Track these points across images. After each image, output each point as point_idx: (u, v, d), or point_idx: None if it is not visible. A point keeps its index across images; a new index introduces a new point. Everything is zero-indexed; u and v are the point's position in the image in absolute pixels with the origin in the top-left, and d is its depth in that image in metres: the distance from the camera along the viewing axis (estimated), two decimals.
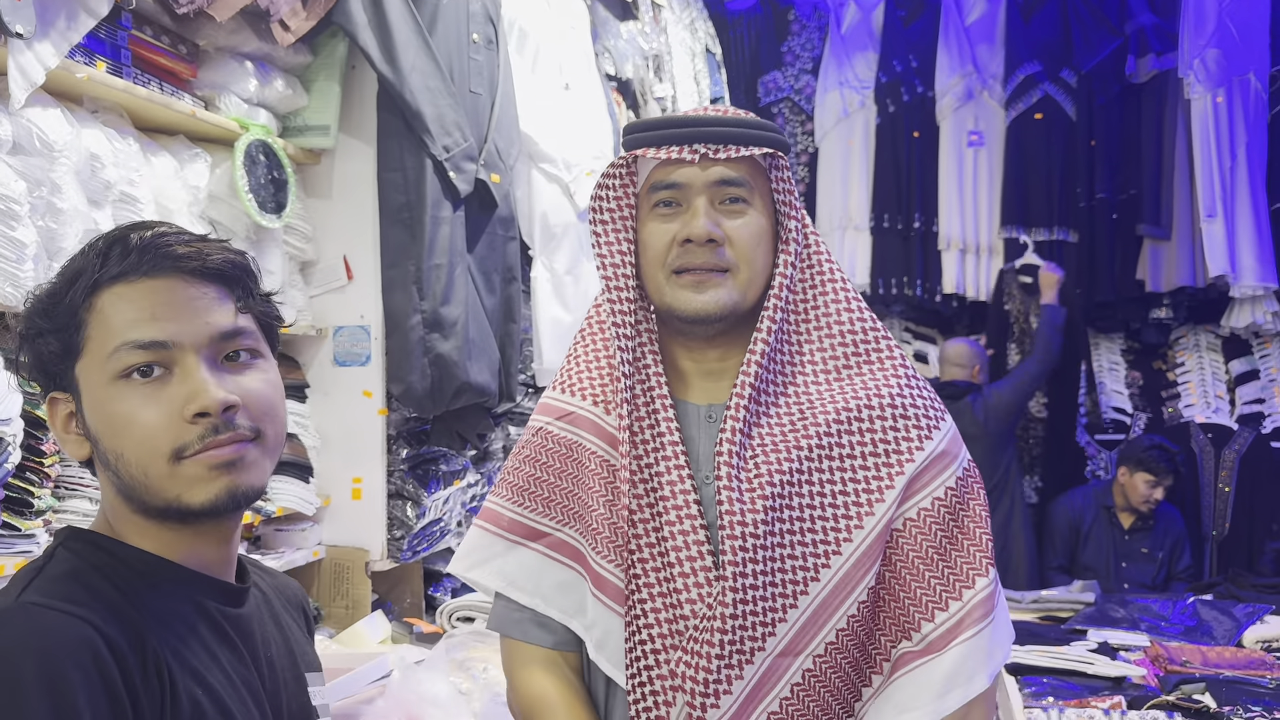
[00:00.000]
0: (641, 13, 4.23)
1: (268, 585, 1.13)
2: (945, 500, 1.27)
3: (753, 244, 1.27)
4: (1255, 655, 2.95)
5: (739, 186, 1.27)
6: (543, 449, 1.34)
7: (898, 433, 1.27)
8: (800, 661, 1.21)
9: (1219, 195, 4.81)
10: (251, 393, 0.98)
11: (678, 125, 1.28)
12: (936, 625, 1.23)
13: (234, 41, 2.27)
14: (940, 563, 1.25)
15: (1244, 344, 5.25)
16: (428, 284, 2.39)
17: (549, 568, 1.30)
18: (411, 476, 2.54)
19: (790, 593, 1.21)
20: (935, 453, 1.28)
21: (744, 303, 1.27)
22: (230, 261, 1.00)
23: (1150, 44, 5.05)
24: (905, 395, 1.29)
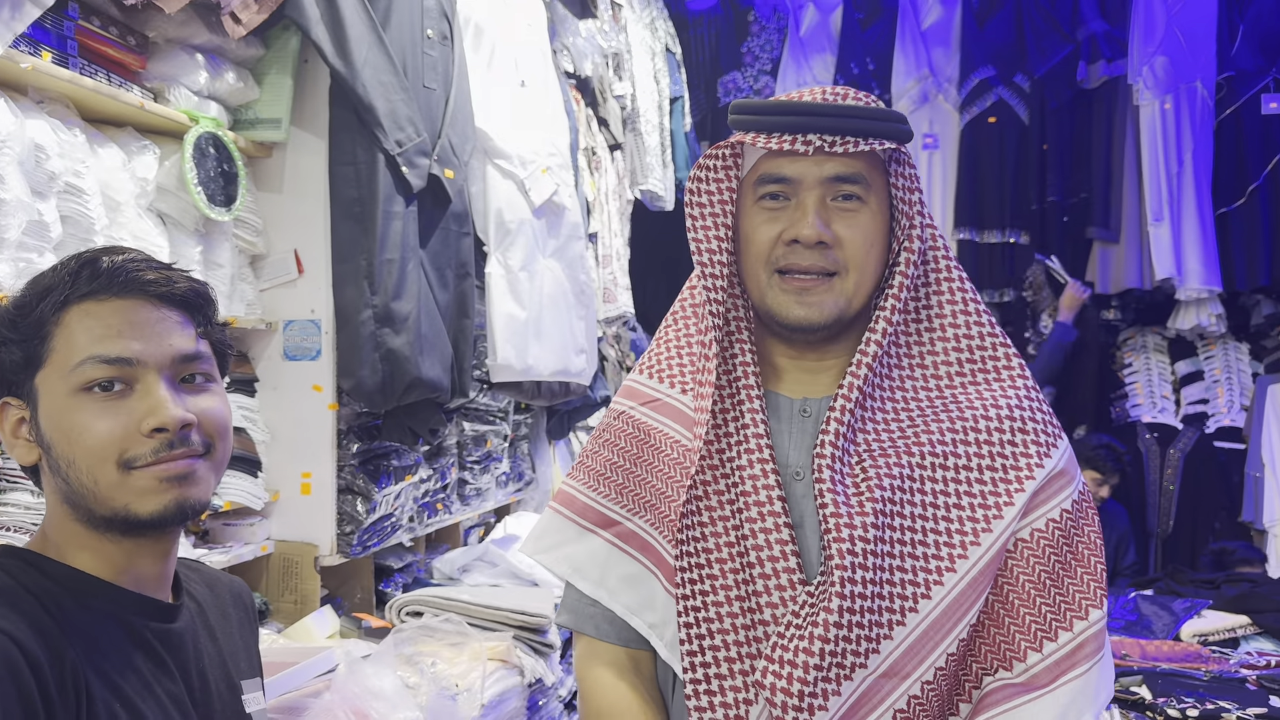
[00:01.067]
0: (600, 11, 4.24)
1: (206, 593, 1.14)
2: (1060, 523, 1.17)
3: (865, 246, 1.18)
4: (1191, 649, 3.03)
5: (855, 184, 1.17)
6: (622, 434, 1.27)
7: (1016, 448, 1.18)
8: (906, 686, 1.11)
9: (1166, 200, 4.92)
10: (206, 412, 1.03)
11: (791, 112, 1.17)
12: (1044, 657, 1.13)
13: (184, 33, 2.25)
14: (1053, 589, 1.15)
15: (1189, 345, 5.37)
16: (379, 279, 2.39)
17: (616, 559, 1.23)
18: (362, 471, 2.54)
19: (899, 608, 1.11)
20: (1054, 471, 1.18)
21: (850, 309, 1.19)
22: (194, 290, 1.05)
23: (1101, 50, 5.14)
24: (1024, 408, 1.20)
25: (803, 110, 1.16)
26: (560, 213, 3.34)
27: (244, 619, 1.17)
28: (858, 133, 1.15)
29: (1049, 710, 1.11)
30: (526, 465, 3.75)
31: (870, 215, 1.18)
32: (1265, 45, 4.95)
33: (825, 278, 1.17)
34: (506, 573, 3.00)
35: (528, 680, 2.39)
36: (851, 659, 1.09)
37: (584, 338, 3.50)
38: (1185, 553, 5.01)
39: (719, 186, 1.22)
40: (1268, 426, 5.00)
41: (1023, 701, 1.12)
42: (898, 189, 1.20)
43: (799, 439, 1.20)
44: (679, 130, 5.24)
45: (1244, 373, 5.25)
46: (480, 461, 3.28)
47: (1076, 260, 5.18)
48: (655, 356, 1.30)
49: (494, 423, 3.35)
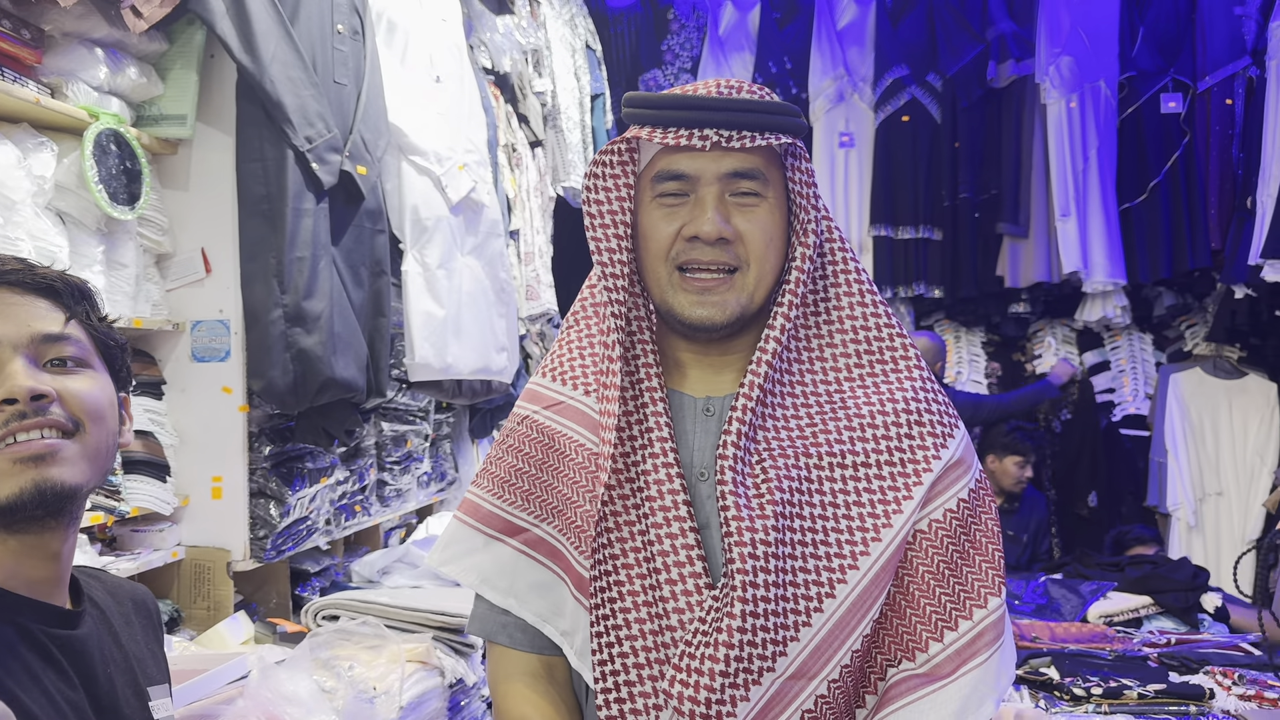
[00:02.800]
0: (518, 7, 4.22)
1: (108, 599, 1.11)
2: (958, 512, 1.17)
3: (765, 241, 1.17)
4: (1098, 630, 3.14)
5: (753, 179, 1.16)
6: (526, 439, 1.25)
7: (913, 440, 1.18)
8: (814, 687, 1.11)
9: (1072, 196, 5.08)
10: (71, 390, 0.98)
11: (686, 107, 1.15)
12: (945, 646, 1.14)
13: (82, 27, 2.19)
14: (952, 578, 1.15)
15: (1096, 336, 5.54)
16: (289, 277, 2.35)
17: (525, 566, 1.22)
18: (275, 474, 2.49)
19: (804, 609, 1.11)
20: (951, 461, 1.19)
21: (752, 305, 1.18)
22: (63, 279, 1.01)
23: (1010, 50, 5.28)
24: (920, 400, 1.20)
25: (698, 105, 1.15)
26: (479, 210, 3.32)
27: (148, 625, 1.15)
28: (754, 127, 1.15)
29: (952, 700, 1.12)
30: (449, 465, 3.72)
31: (769, 210, 1.18)
32: (1164, 46, 5.14)
33: (727, 275, 1.17)
34: (427, 574, 2.97)
35: (448, 681, 2.37)
36: (759, 663, 1.08)
37: (505, 335, 3.48)
38: (1093, 536, 5.19)
39: (616, 183, 1.21)
40: (1170, 414, 5.20)
41: (926, 692, 1.13)
42: (794, 183, 1.20)
43: (703, 439, 1.20)
44: (600, 127, 5.25)
45: (1148, 362, 5.45)
46: (400, 462, 3.25)
47: (987, 255, 5.31)
48: (557, 358, 1.29)
49: (414, 422, 3.32)
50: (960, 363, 5.52)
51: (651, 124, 1.17)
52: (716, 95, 1.17)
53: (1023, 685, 2.65)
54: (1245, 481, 5.09)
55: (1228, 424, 5.14)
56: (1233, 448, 5.13)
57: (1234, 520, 5.08)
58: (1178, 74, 5.09)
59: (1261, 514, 4.99)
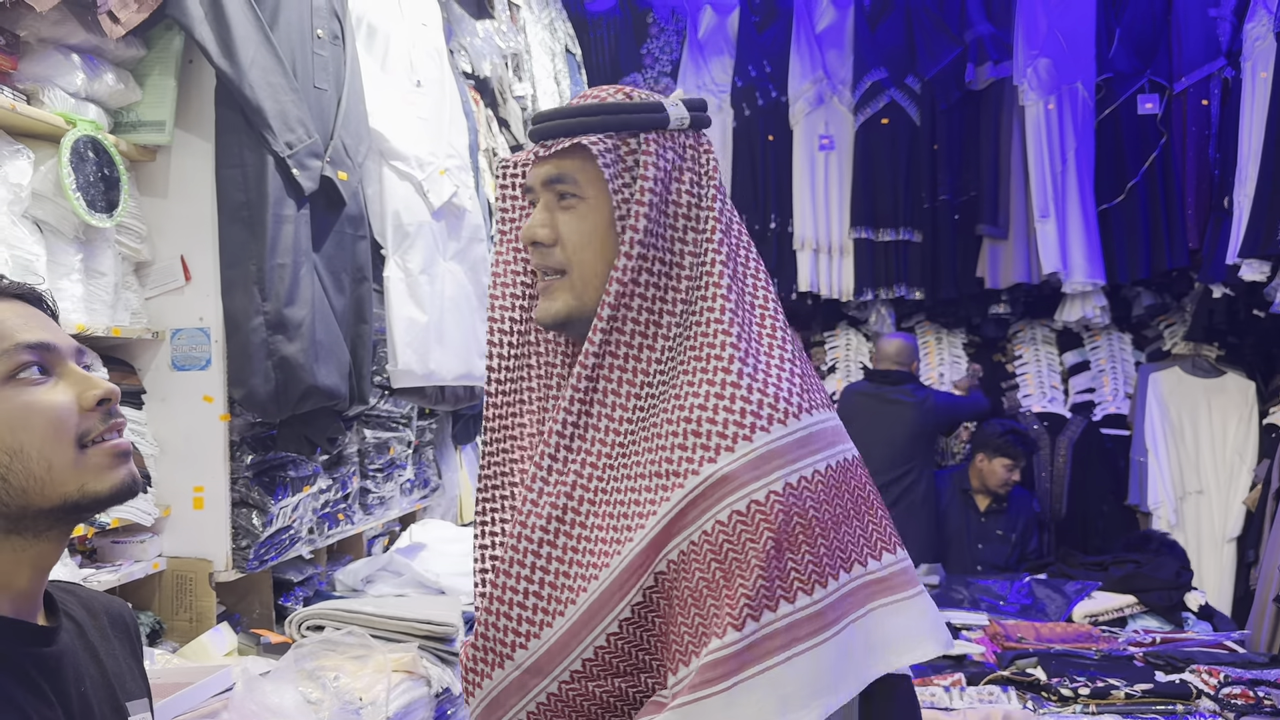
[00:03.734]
0: (498, 11, 4.21)
1: (84, 614, 1.09)
2: (711, 536, 1.10)
3: (582, 243, 1.20)
4: (1083, 629, 3.15)
5: (564, 182, 1.21)
6: None
7: (684, 452, 1.12)
8: (544, 684, 1.16)
9: (1051, 197, 5.10)
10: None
11: (536, 120, 1.25)
12: (678, 679, 1.10)
13: (59, 33, 2.16)
14: (693, 611, 1.09)
15: (1076, 337, 5.58)
16: (270, 284, 2.33)
17: None
18: (257, 484, 2.47)
19: (553, 610, 1.16)
20: (714, 478, 1.10)
21: (582, 306, 1.20)
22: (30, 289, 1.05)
23: (988, 53, 5.31)
24: (708, 407, 1.13)
25: (537, 119, 1.24)
26: (461, 215, 3.30)
27: (125, 640, 1.13)
28: (564, 133, 1.20)
29: None
30: (432, 471, 3.69)
31: (590, 210, 1.20)
32: (1140, 48, 5.18)
33: (559, 276, 1.22)
34: (412, 582, 2.95)
35: (435, 690, 2.35)
36: (501, 649, 1.17)
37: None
38: (1076, 537, 5.21)
39: (513, 204, 1.32)
40: (1150, 413, 5.24)
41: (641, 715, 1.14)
42: (608, 180, 1.18)
43: None
44: None
45: (1127, 362, 5.49)
46: (383, 469, 3.22)
47: (967, 257, 5.33)
48: None
49: (397, 429, 3.30)
50: (941, 364, 5.54)
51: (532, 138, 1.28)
52: (556, 108, 1.27)
53: (1010, 686, 2.65)
54: (1225, 480, 5.13)
55: (1207, 423, 5.18)
56: (1212, 446, 5.17)
57: (1214, 518, 5.12)
58: (1154, 75, 5.13)
59: (1242, 512, 5.03)
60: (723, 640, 1.06)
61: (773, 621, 1.07)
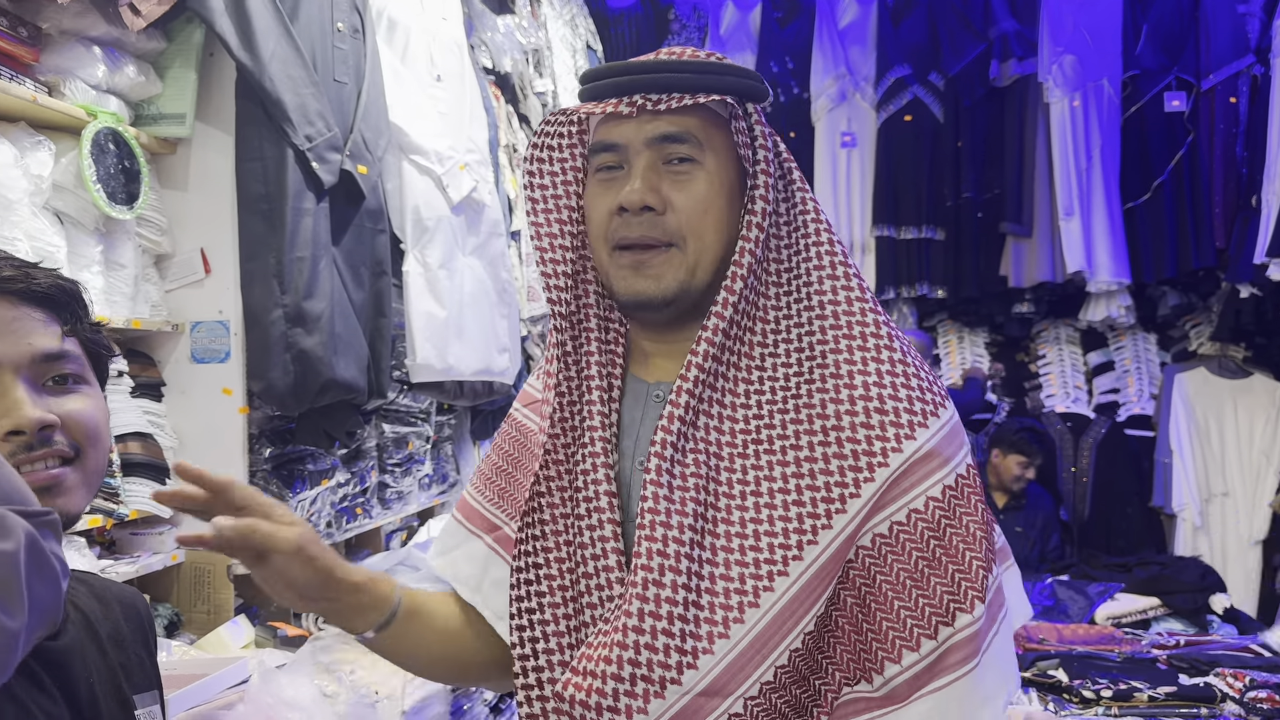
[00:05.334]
0: (519, 7, 4.20)
1: (94, 605, 1.07)
2: (926, 514, 1.03)
3: (700, 211, 1.08)
4: (1105, 631, 3.11)
5: (683, 143, 1.08)
6: (507, 437, 1.24)
7: (871, 430, 1.04)
8: (728, 704, 1.00)
9: (1076, 195, 5.05)
10: (73, 414, 0.95)
11: (619, 74, 1.08)
12: (903, 669, 1.01)
13: (80, 25, 2.16)
14: (915, 590, 1.01)
15: (1100, 336, 5.52)
16: (289, 277, 2.33)
17: (493, 562, 1.19)
18: (275, 477, 2.47)
19: (720, 619, 1.01)
20: (917, 454, 1.04)
21: (695, 281, 1.09)
22: (58, 286, 0.97)
23: (1012, 49, 5.26)
24: (885, 385, 1.06)
25: (628, 70, 1.09)
26: (480, 210, 3.30)
27: (137, 629, 1.11)
28: (685, 88, 1.07)
29: None
30: (450, 467, 3.69)
31: (708, 178, 1.09)
32: (1167, 45, 5.12)
33: (664, 249, 1.08)
34: (429, 577, 2.94)
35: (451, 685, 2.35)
36: (660, 672, 0.99)
37: (506, 336, 3.46)
38: (1099, 538, 5.16)
39: (563, 166, 1.16)
40: (1175, 414, 5.18)
41: (872, 717, 1.02)
42: (742, 146, 1.10)
43: (649, 426, 1.12)
44: None
45: (1152, 362, 5.43)
46: (402, 464, 3.22)
47: (990, 255, 5.29)
48: (545, 357, 1.25)
49: (415, 424, 3.30)
50: (964, 364, 5.50)
51: (588, 98, 1.12)
52: (650, 60, 1.10)
53: (1031, 688, 2.62)
54: (1251, 481, 5.06)
55: (1233, 424, 5.12)
56: (1238, 447, 5.11)
57: (1240, 520, 5.06)
58: (1181, 72, 5.07)
59: (1268, 514, 4.97)
60: (971, 615, 1.00)
61: (996, 592, 1.05)
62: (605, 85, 1.09)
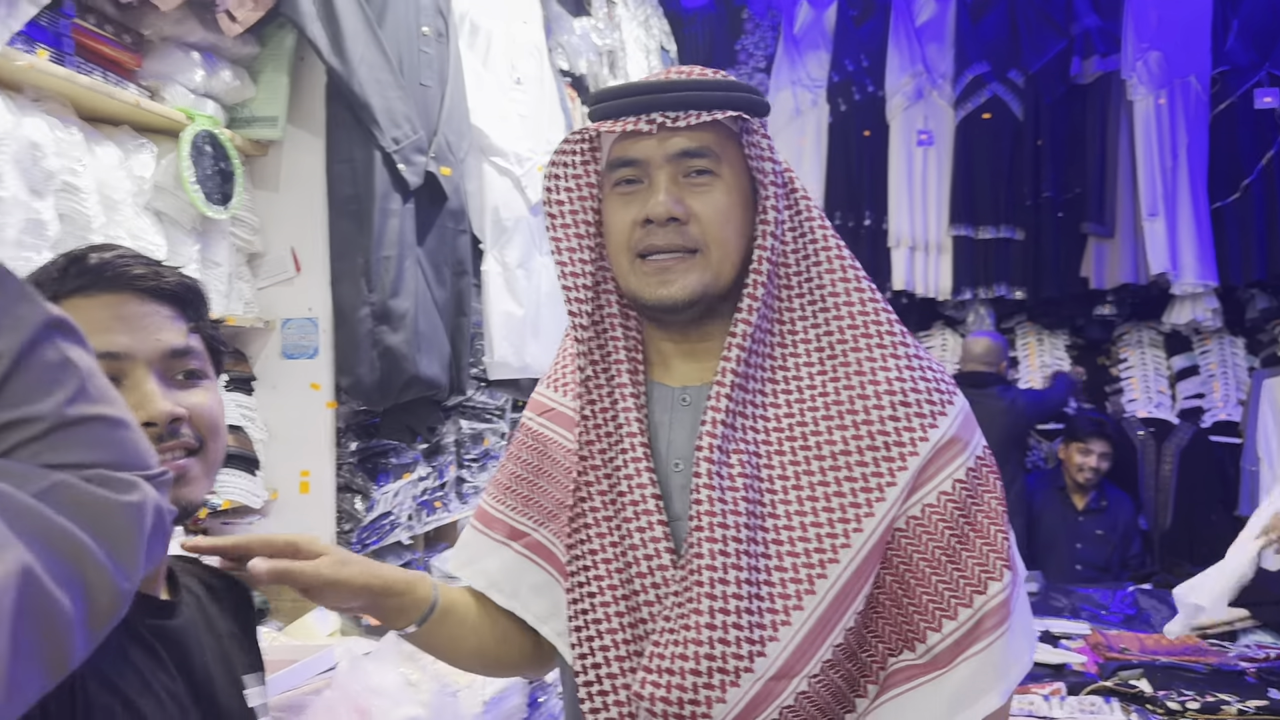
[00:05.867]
0: (595, 9, 4.24)
1: (201, 588, 1.11)
2: (953, 494, 1.13)
3: (721, 220, 1.15)
4: (1191, 642, 3.03)
5: (702, 157, 1.15)
6: (524, 446, 1.28)
7: (899, 423, 1.13)
8: (795, 684, 1.08)
9: (1161, 195, 4.93)
10: (197, 407, 1.00)
11: (634, 93, 1.15)
12: (944, 636, 1.11)
13: (180, 31, 2.25)
14: (949, 564, 1.11)
15: (1185, 340, 5.38)
16: (376, 276, 2.39)
17: (526, 568, 1.25)
18: (361, 469, 2.53)
19: (781, 608, 1.08)
20: (941, 441, 1.14)
21: (717, 284, 1.16)
22: (184, 284, 1.02)
23: (1095, 45, 5.15)
24: (905, 379, 1.15)
25: (644, 89, 1.15)
26: None
27: (242, 613, 1.16)
28: (700, 105, 1.14)
29: (947, 688, 1.10)
30: None
31: (725, 188, 1.16)
32: (1259, 40, 4.96)
33: (687, 255, 1.15)
34: None
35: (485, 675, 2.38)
36: (734, 663, 1.06)
37: None
38: (1183, 547, 5.02)
39: (577, 182, 1.21)
40: (1263, 420, 5.02)
41: (922, 681, 1.11)
42: (752, 159, 1.17)
43: (679, 429, 1.18)
44: None
45: (1240, 367, 5.27)
46: (478, 459, 3.28)
47: (1071, 256, 5.18)
48: (554, 365, 1.31)
49: (491, 420, 3.35)
50: (1043, 367, 5.40)
51: (604, 116, 1.17)
52: (665, 79, 1.17)
53: (1113, 698, 2.57)
54: None
55: None
56: None
57: None
58: (1273, 68, 4.91)
59: None
60: (1001, 583, 1.12)
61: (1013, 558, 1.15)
62: (621, 104, 1.16)
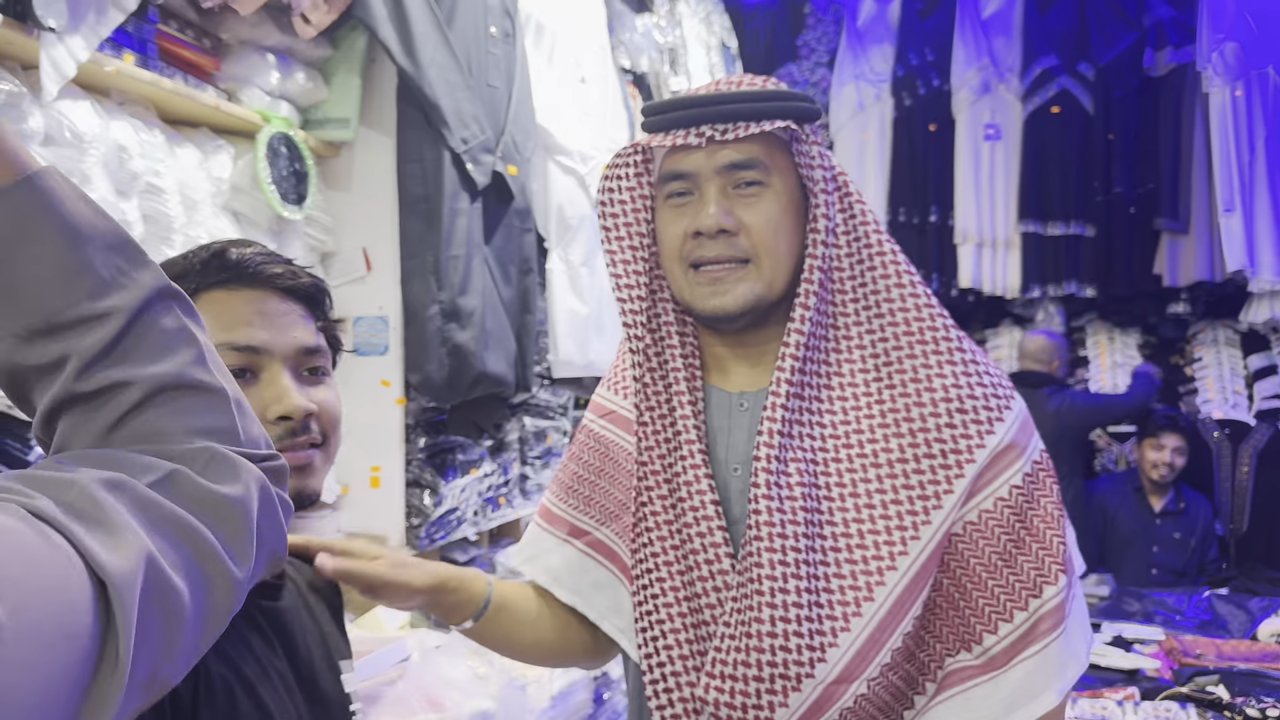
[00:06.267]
0: (657, 6, 4.24)
1: (297, 574, 1.14)
2: (1010, 500, 1.14)
3: (771, 230, 1.17)
4: (1270, 648, 2.96)
5: (750, 169, 1.17)
6: (585, 447, 1.32)
7: (955, 430, 1.14)
8: (854, 688, 1.11)
9: (1237, 189, 4.79)
10: (323, 403, 1.04)
11: (683, 106, 1.17)
12: (1000, 638, 1.13)
13: (256, 35, 2.30)
14: (1005, 569, 1.13)
15: (1262, 339, 5.22)
16: (445, 275, 2.42)
17: (589, 566, 1.29)
18: (429, 465, 2.57)
19: (840, 614, 1.10)
20: (999, 448, 1.14)
21: (770, 293, 1.18)
22: (315, 285, 1.07)
23: (1168, 37, 5.03)
24: (961, 385, 1.16)
25: (693, 103, 1.17)
26: None
27: (333, 599, 1.17)
28: (748, 117, 1.15)
29: (1004, 688, 1.11)
30: None
31: (774, 198, 1.18)
32: None
33: (739, 265, 1.17)
34: None
35: (593, 674, 2.40)
36: (795, 669, 1.09)
37: None
38: (1260, 551, 4.88)
39: (631, 195, 1.24)
40: None
41: (978, 682, 1.13)
42: (803, 167, 1.19)
43: (737, 434, 1.21)
44: None
45: None
46: (541, 457, 3.30)
47: (1144, 252, 5.07)
48: (613, 367, 1.35)
49: (554, 418, 3.38)
50: (1114, 366, 5.28)
51: (655, 129, 1.20)
52: (713, 93, 1.18)
53: (1189, 704, 2.52)
54: None
55: None
56: None
57: None
58: None
59: None
60: (1056, 586, 1.12)
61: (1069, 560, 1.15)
62: (671, 118, 1.18)
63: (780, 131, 1.18)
